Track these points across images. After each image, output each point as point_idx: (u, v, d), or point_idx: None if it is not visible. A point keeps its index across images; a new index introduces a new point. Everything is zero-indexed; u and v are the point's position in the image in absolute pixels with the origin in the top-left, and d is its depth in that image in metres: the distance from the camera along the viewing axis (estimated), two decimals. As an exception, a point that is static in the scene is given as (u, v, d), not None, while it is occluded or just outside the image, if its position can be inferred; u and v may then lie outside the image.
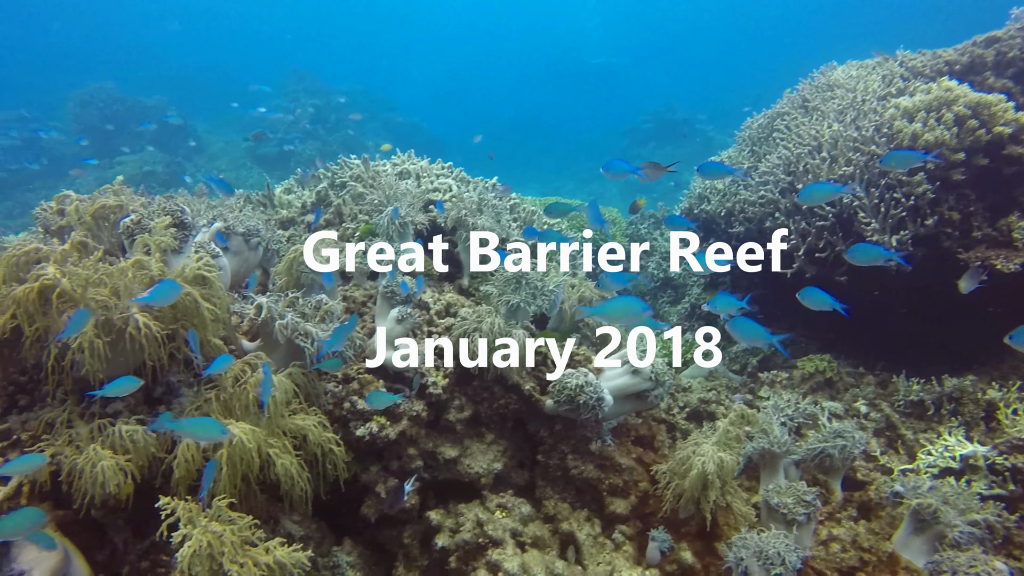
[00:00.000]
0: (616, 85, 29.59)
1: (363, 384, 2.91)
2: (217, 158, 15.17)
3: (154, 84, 19.35)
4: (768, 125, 5.25)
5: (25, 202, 12.27)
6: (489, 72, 36.40)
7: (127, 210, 3.03)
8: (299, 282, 2.94)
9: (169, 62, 26.20)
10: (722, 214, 5.29)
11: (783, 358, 5.21)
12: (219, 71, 26.01)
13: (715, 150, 18.44)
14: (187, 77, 24.81)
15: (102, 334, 2.23)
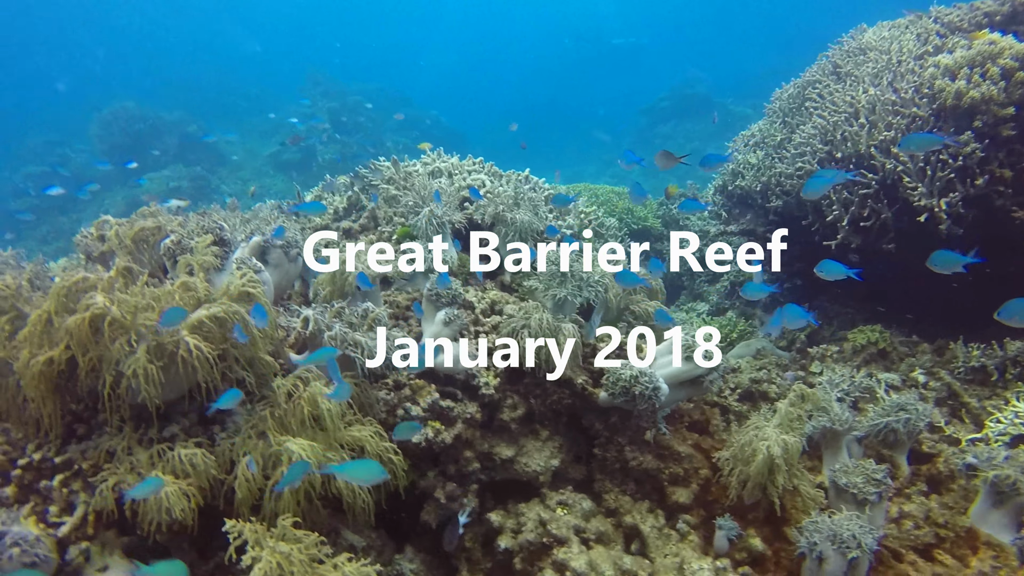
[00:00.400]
0: (637, 65, 29.14)
1: (415, 390, 2.87)
2: (240, 168, 15.27)
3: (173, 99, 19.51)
4: (799, 95, 5.11)
5: (59, 226, 12.46)
6: (505, 60, 36.21)
7: (165, 231, 3.02)
8: (344, 291, 2.90)
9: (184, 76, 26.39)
10: (758, 189, 5.16)
11: (831, 331, 5.10)
12: (234, 81, 26.14)
13: (737, 123, 18.22)
14: (204, 89, 24.99)
15: (154, 359, 2.21)
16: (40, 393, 2.21)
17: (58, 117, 18.79)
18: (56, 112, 19.90)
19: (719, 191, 5.65)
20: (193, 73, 26.29)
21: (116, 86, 23.92)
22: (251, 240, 3.04)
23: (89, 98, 17.72)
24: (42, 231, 12.35)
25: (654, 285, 3.65)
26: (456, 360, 2.88)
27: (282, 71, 26.89)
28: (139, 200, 11.99)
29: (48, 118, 19.26)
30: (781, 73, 18.10)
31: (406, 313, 3.21)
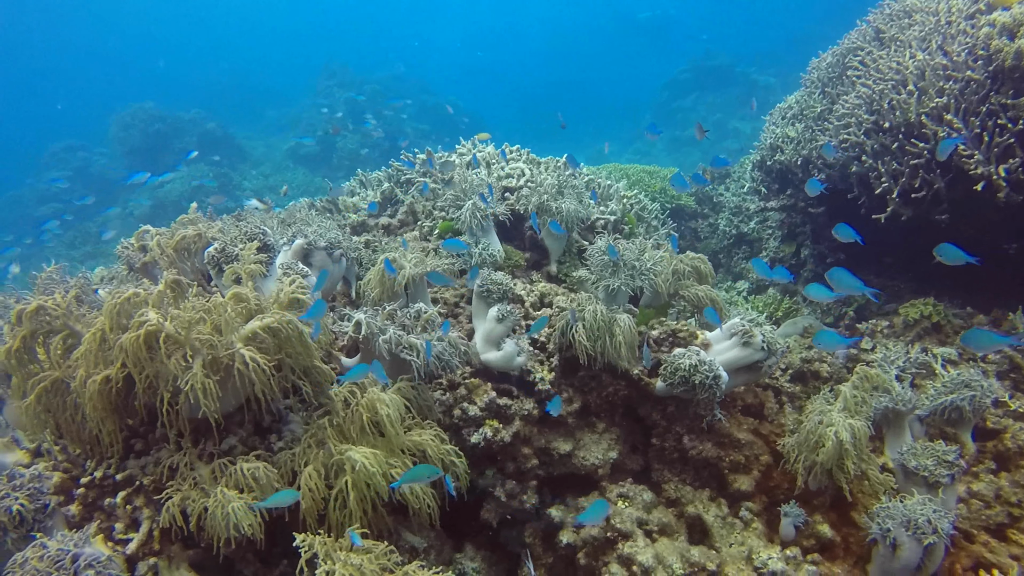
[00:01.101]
0: (663, 37, 28.38)
1: (470, 389, 2.81)
2: (260, 163, 15.27)
3: (190, 98, 19.53)
4: (839, 63, 4.95)
5: (85, 231, 12.53)
6: (521, 39, 35.67)
7: (207, 238, 2.97)
8: (394, 291, 2.84)
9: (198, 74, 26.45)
10: (798, 163, 5.03)
11: (877, 306, 4.97)
12: (249, 77, 26.17)
13: (760, 93, 17.89)
14: (219, 86, 25.03)
15: (211, 373, 2.16)
16: (99, 412, 2.18)
17: (77, 122, 18.91)
18: (75, 117, 20.02)
19: (757, 167, 5.52)
20: (207, 71, 26.35)
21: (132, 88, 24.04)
22: (294, 243, 2.98)
23: (107, 101, 17.79)
24: (69, 236, 12.43)
25: (703, 268, 3.56)
26: (511, 357, 2.82)
27: (297, 64, 26.86)
28: (164, 201, 12.06)
29: (67, 124, 19.39)
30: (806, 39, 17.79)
31: (455, 310, 3.14)
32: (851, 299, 5.05)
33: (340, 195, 4.50)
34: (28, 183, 14.58)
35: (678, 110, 19.36)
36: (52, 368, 2.30)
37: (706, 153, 17.34)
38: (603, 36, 31.12)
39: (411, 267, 2.86)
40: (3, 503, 2.12)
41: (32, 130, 21.23)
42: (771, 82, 19.10)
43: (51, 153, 15.00)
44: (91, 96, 26.94)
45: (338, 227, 3.46)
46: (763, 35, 23.42)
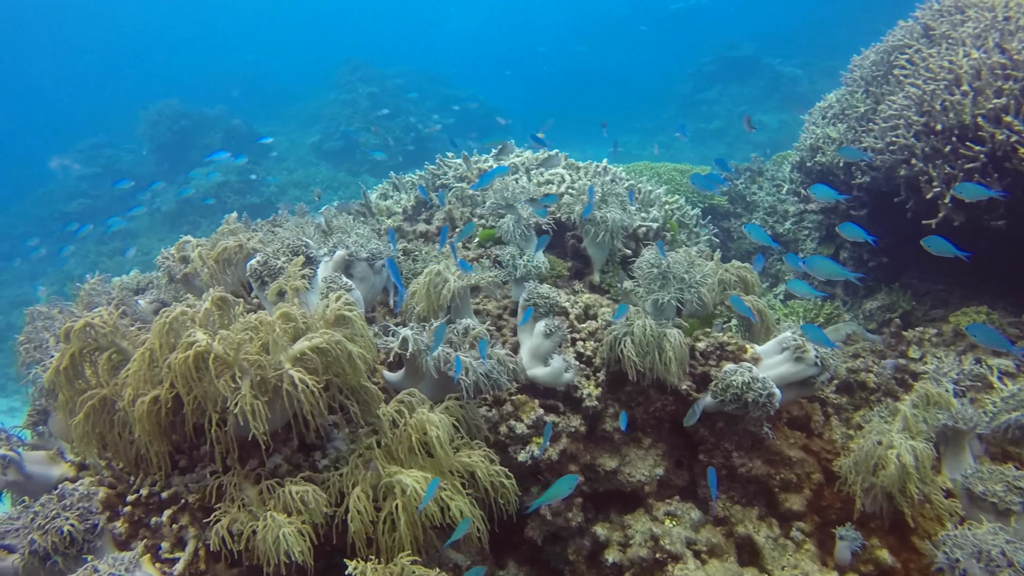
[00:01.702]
0: (692, 27, 27.76)
1: (517, 406, 2.75)
2: (284, 158, 15.29)
3: (214, 93, 19.64)
4: (883, 61, 4.81)
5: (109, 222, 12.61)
6: (545, 31, 35.28)
7: (248, 249, 2.92)
8: (440, 304, 2.78)
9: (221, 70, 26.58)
10: (840, 165, 4.90)
11: (923, 310, 4.85)
12: (272, 71, 26.24)
13: (785, 85, 17.60)
14: (242, 81, 25.11)
15: (259, 394, 2.11)
16: (148, 433, 2.14)
17: (105, 119, 19.06)
18: (104, 113, 20.19)
19: (797, 168, 5.39)
20: (228, 67, 26.45)
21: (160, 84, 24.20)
22: (335, 254, 2.93)
23: (135, 98, 17.90)
24: (98, 232, 12.51)
25: (749, 278, 3.46)
26: (559, 373, 2.75)
27: (317, 59, 26.88)
28: (192, 199, 12.09)
29: (97, 120, 19.56)
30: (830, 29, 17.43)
31: (499, 322, 3.08)
32: (896, 304, 4.92)
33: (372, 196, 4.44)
34: (58, 179, 14.72)
35: (702, 102, 19.12)
36: (99, 386, 2.26)
37: (731, 147, 17.15)
38: (628, 26, 30.68)
39: (455, 280, 2.79)
40: (55, 523, 2.08)
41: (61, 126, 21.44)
42: (797, 73, 18.83)
43: (79, 150, 15.12)
44: (120, 92, 27.20)
45: (377, 235, 3.40)
46: (787, 25, 23.01)
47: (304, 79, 24.78)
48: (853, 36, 19.31)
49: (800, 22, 22.54)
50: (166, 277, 3.04)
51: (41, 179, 15.91)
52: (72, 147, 15.39)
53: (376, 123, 15.03)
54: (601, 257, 3.39)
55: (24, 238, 13.43)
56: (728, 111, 18.00)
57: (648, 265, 2.92)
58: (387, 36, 35.22)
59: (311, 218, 4.09)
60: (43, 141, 22.23)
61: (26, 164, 20.70)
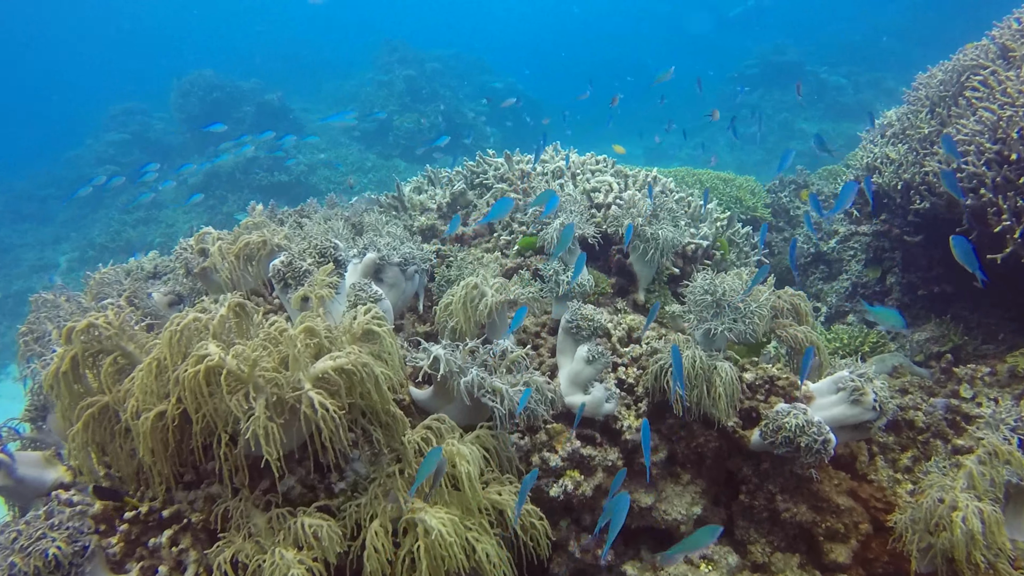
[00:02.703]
0: (747, 30, 27.08)
1: (552, 435, 2.53)
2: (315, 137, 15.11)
3: (249, 66, 19.54)
4: (953, 82, 4.50)
5: (139, 196, 12.52)
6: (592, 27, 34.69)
7: (271, 245, 2.72)
8: (477, 320, 2.56)
9: (261, 41, 26.47)
10: (898, 187, 4.61)
11: (974, 345, 4.57)
12: (310, 47, 26.07)
13: (828, 95, 17.12)
14: (278, 56, 24.99)
15: (275, 415, 1.92)
16: (151, 451, 1.95)
17: (141, 84, 19.01)
18: (135, 79, 20.16)
19: (851, 186, 5.09)
20: (268, 41, 26.34)
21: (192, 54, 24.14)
22: (365, 257, 2.72)
23: (169, 65, 17.84)
24: (122, 200, 12.44)
25: (802, 307, 3.22)
26: (599, 404, 2.53)
27: (356, 38, 26.68)
28: (219, 171, 11.96)
29: (129, 85, 19.53)
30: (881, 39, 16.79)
31: (536, 340, 2.86)
32: (946, 338, 4.65)
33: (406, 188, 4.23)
34: (87, 143, 14.65)
35: (742, 105, 18.65)
36: (101, 392, 2.08)
37: (769, 153, 16.73)
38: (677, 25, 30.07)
39: (493, 294, 2.58)
40: (39, 545, 1.89)
41: (96, 90, 21.47)
42: (842, 83, 18.33)
43: (111, 115, 15.04)
44: (158, 57, 27.24)
45: (409, 235, 3.19)
46: (835, 33, 22.40)
47: (343, 57, 24.63)
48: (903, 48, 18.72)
49: (848, 31, 21.96)
50: (183, 269, 2.85)
51: (70, 140, 15.88)
52: (105, 111, 15.32)
53: (413, 107, 14.81)
54: (648, 275, 3.16)
55: (48, 200, 13.41)
56: (768, 117, 17.57)
57: (701, 291, 2.69)
58: (429, 18, 34.92)
59: (341, 209, 3.89)
60: (76, 102, 22.32)
61: (57, 124, 20.80)
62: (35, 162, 16.15)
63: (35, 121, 23.89)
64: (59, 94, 27.00)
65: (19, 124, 24.09)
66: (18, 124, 24.09)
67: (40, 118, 23.86)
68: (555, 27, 34.40)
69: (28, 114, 25.34)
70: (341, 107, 16.37)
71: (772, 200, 6.79)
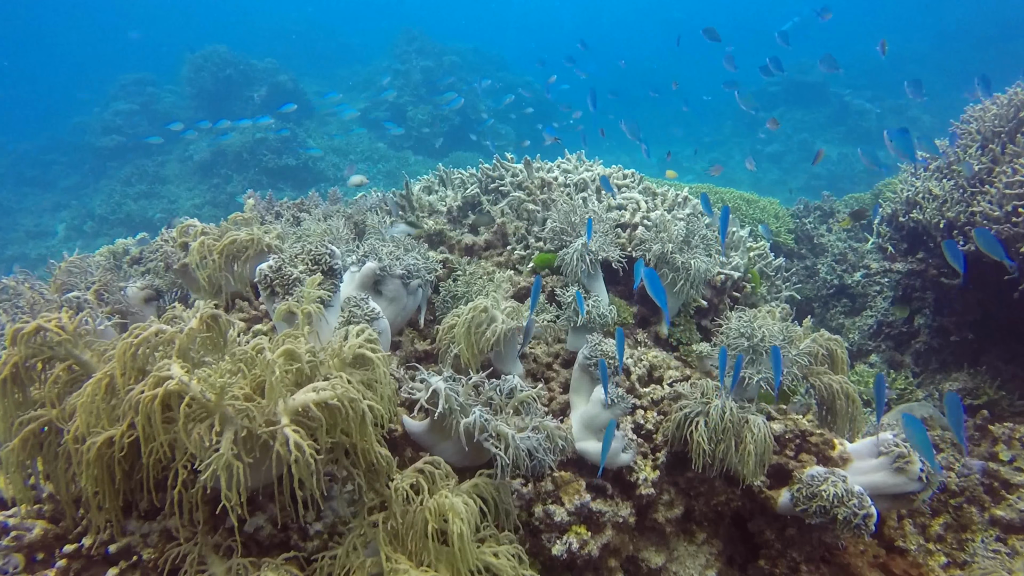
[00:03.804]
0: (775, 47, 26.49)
1: (559, 484, 2.25)
2: (327, 122, 14.81)
3: (265, 45, 19.25)
4: (1010, 117, 4.21)
5: (143, 168, 12.24)
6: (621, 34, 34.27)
7: (261, 244, 2.44)
8: (482, 348, 2.27)
9: (279, 20, 26.16)
10: (941, 225, 4.32)
11: (1010, 401, 4.29)
12: (327, 31, 25.74)
13: (850, 118, 16.80)
14: (295, 36, 24.67)
15: (243, 452, 1.63)
16: (95, 482, 1.66)
17: (150, 55, 18.73)
18: (148, 51, 19.88)
19: (887, 221, 4.81)
20: (285, 21, 26.03)
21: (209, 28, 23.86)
22: (364, 266, 2.43)
23: (183, 38, 17.55)
24: (125, 172, 12.15)
25: (839, 354, 2.93)
26: (615, 454, 2.24)
27: (374, 24, 26.39)
28: (226, 151, 11.67)
29: (141, 56, 19.25)
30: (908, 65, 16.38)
31: (547, 372, 2.57)
32: (980, 390, 4.36)
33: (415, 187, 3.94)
34: (95, 111, 14.36)
35: (762, 122, 18.31)
36: (47, 405, 1.79)
37: (787, 173, 16.42)
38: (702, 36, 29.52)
39: (504, 319, 2.29)
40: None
41: (107, 58, 21.20)
42: (866, 107, 17.99)
43: (121, 85, 14.74)
44: (172, 30, 26.94)
45: (415, 242, 2.91)
46: (862, 55, 22.03)
47: (361, 42, 24.30)
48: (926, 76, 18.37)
49: (874, 55, 21.60)
50: (162, 264, 2.56)
51: (78, 107, 15.60)
52: (115, 80, 15.03)
53: (428, 99, 14.50)
54: (674, 307, 2.87)
55: (52, 165, 13.12)
56: (788, 136, 17.26)
57: (736, 334, 2.40)
58: (451, 10, 34.55)
59: (343, 206, 3.61)
60: (87, 69, 22.03)
61: (66, 91, 20.52)
62: (42, 126, 15.88)
63: (44, 87, 23.59)
64: (71, 61, 26.69)
65: (28, 89, 23.82)
66: (27, 89, 23.83)
67: (50, 84, 23.55)
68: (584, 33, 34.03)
69: (37, 80, 25.04)
70: (355, 93, 16.08)
71: (796, 226, 6.50)
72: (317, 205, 3.65)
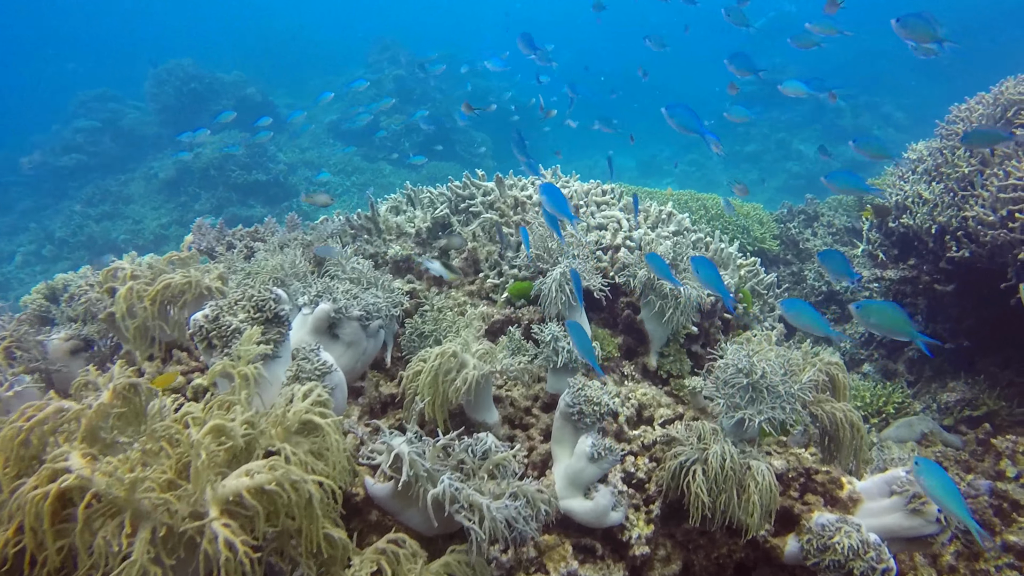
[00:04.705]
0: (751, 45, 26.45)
1: (542, 550, 1.99)
2: (298, 135, 14.46)
3: (232, 57, 18.88)
4: (997, 117, 4.03)
5: (105, 188, 11.84)
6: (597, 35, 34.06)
7: (200, 287, 2.17)
8: (449, 399, 2.01)
9: (246, 33, 25.79)
10: (932, 231, 4.13)
11: (1008, 410, 4.10)
12: (299, 40, 25.40)
13: (826, 116, 16.73)
14: (265, 46, 24.32)
15: (163, 554, 1.36)
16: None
17: (113, 70, 18.28)
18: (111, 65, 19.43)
19: (877, 227, 4.62)
20: (254, 31, 25.66)
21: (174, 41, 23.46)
22: (317, 307, 2.17)
23: (147, 51, 17.14)
24: (87, 192, 11.73)
25: (840, 379, 2.69)
26: (603, 513, 1.99)
27: (347, 33, 26.07)
28: (191, 167, 11.31)
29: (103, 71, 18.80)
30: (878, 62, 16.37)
31: (525, 419, 2.31)
32: (979, 401, 4.17)
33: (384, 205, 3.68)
34: (54, 129, 13.89)
35: (739, 122, 18.23)
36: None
37: (765, 171, 16.29)
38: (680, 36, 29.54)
39: (476, 364, 2.04)
40: None
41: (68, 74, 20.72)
42: (840, 105, 17.95)
43: (81, 101, 14.26)
44: (136, 43, 26.41)
45: (378, 274, 2.64)
46: (833, 54, 22.07)
47: (332, 51, 23.94)
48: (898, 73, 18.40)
49: (846, 53, 21.62)
50: (82, 315, 2.27)
51: (37, 125, 15.10)
52: (75, 96, 14.55)
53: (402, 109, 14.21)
54: (662, 336, 2.63)
55: (8, 187, 12.66)
56: (765, 135, 17.18)
57: (734, 370, 2.15)
58: (425, 16, 34.24)
59: (302, 232, 3.33)
60: (46, 85, 21.50)
61: (24, 108, 19.98)
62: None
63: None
64: (28, 76, 26.07)
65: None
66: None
67: (4, 101, 22.93)
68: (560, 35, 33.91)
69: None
70: (327, 104, 15.73)
71: (780, 231, 6.29)
72: (274, 232, 3.38)
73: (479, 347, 2.09)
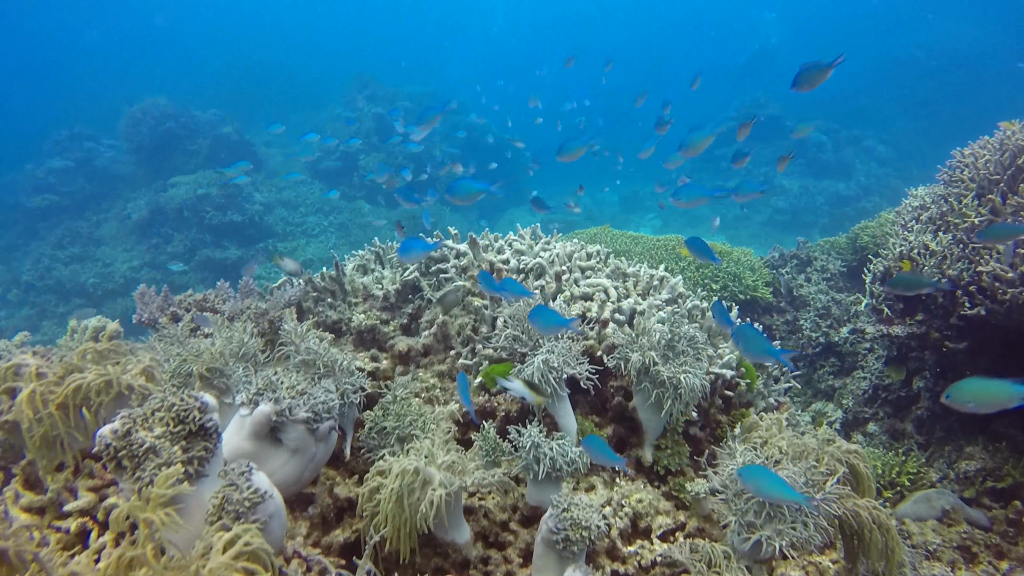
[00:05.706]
0: (729, 81, 26.56)
1: None
2: (276, 174, 14.16)
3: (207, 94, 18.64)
4: (1007, 164, 3.81)
5: (75, 230, 11.47)
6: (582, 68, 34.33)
7: (120, 386, 1.84)
8: (416, 524, 1.68)
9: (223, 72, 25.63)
10: (943, 283, 3.87)
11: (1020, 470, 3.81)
12: (277, 80, 25.26)
13: (808, 151, 16.73)
14: (241, 85, 24.16)
15: None
16: None
17: (87, 110, 17.98)
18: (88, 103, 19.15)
19: (880, 278, 4.36)
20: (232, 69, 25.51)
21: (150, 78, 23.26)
22: (256, 410, 1.84)
23: (122, 90, 16.86)
24: (57, 233, 11.35)
25: (861, 470, 2.39)
26: (595, 665, 1.66)
27: (324, 70, 25.96)
28: (165, 208, 10.99)
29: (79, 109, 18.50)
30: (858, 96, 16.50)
31: (502, 534, 1.99)
32: (1003, 471, 3.87)
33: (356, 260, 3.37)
34: (27, 169, 13.53)
35: (721, 158, 18.10)
36: None
37: (749, 207, 16.16)
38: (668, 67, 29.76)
39: (443, 481, 1.71)
40: None
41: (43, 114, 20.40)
42: (822, 139, 17.94)
43: (55, 140, 13.94)
44: (111, 82, 26.14)
45: (336, 354, 2.32)
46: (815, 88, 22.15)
47: (311, 89, 23.80)
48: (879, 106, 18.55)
49: (829, 87, 21.76)
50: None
51: (7, 165, 14.72)
52: (48, 137, 14.22)
53: (381, 147, 13.99)
54: (657, 427, 2.31)
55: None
56: (747, 171, 17.08)
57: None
58: (404, 52, 34.29)
59: (256, 300, 3.01)
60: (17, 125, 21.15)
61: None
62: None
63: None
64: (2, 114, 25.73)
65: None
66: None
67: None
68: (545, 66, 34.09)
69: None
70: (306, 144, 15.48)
71: (772, 277, 6.04)
72: (225, 300, 3.06)
73: (446, 458, 1.77)
